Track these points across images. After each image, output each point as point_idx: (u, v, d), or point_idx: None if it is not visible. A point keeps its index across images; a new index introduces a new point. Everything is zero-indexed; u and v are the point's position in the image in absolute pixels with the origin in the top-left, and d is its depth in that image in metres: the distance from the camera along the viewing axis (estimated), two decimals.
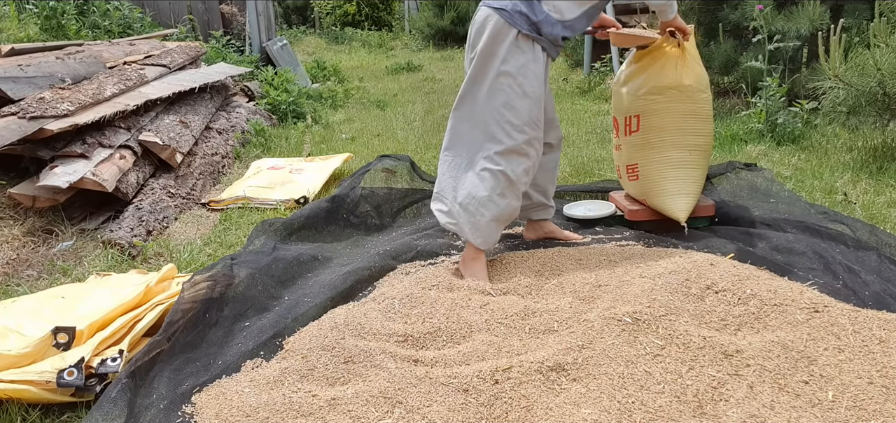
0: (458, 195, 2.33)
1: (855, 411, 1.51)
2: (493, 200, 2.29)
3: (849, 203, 3.01)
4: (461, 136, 2.35)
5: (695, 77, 2.62)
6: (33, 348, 1.83)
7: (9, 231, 2.98)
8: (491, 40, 2.24)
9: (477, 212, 2.30)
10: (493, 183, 2.28)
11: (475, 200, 2.29)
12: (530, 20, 2.23)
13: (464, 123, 2.34)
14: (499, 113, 2.26)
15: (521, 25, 2.22)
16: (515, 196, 2.33)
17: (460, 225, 2.32)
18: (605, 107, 5.86)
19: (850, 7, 4.53)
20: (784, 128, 4.15)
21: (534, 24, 2.23)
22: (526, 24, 2.23)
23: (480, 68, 2.28)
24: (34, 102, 3.30)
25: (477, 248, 2.34)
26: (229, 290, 2.22)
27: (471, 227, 2.31)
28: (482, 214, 2.30)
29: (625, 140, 2.76)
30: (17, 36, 5.72)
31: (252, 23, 8.01)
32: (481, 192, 2.29)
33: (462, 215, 2.31)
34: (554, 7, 2.26)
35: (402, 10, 15.50)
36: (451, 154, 2.38)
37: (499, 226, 2.36)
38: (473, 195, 2.29)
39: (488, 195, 2.28)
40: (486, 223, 2.31)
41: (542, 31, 2.25)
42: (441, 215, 2.39)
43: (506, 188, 2.29)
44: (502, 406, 1.60)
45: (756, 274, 2.09)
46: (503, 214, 2.32)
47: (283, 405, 1.65)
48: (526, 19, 2.23)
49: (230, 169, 4.35)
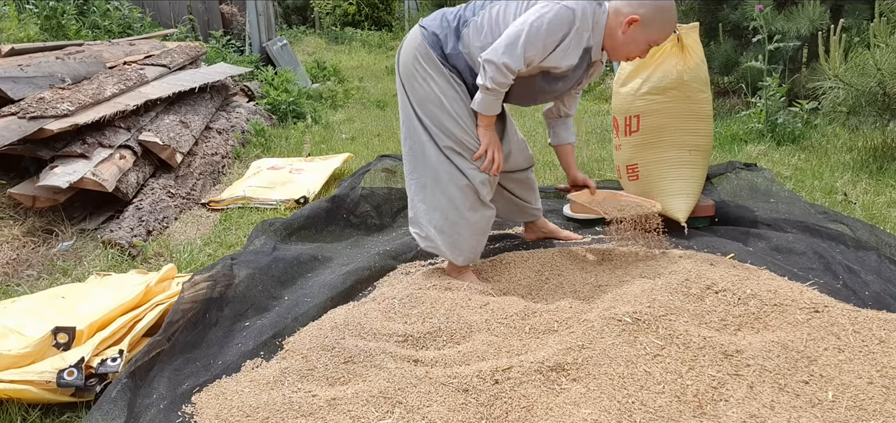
0: (432, 219, 2.28)
1: (855, 411, 1.51)
2: (465, 217, 2.25)
3: (849, 203, 3.01)
4: (416, 157, 2.27)
5: (695, 77, 2.62)
6: (33, 348, 1.83)
7: (9, 231, 2.98)
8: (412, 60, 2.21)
9: (453, 232, 2.26)
10: (462, 199, 2.23)
11: (448, 222, 2.25)
12: (446, 48, 2.18)
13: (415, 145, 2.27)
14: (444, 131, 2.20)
15: (434, 48, 2.18)
16: (486, 206, 2.28)
17: (440, 248, 2.29)
18: (605, 107, 5.86)
19: (850, 7, 4.53)
20: (784, 128, 4.15)
21: (448, 53, 2.18)
22: (437, 51, 2.18)
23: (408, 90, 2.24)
24: (34, 102, 3.30)
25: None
26: (229, 290, 2.22)
27: (450, 247, 2.28)
28: (459, 232, 2.26)
29: (625, 140, 2.77)
30: (17, 36, 5.72)
31: (252, 23, 8.01)
32: (452, 213, 2.25)
33: (439, 238, 2.28)
34: (468, 53, 2.18)
35: (402, 10, 15.50)
36: (416, 176, 2.30)
37: (479, 238, 2.32)
38: (446, 217, 2.25)
39: (460, 213, 2.24)
40: (465, 241, 2.28)
41: (450, 62, 2.19)
42: (420, 239, 2.34)
43: (475, 202, 2.25)
44: (502, 406, 1.60)
45: (756, 274, 2.09)
46: (479, 226, 2.28)
47: (283, 405, 1.65)
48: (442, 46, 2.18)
49: (230, 169, 4.35)
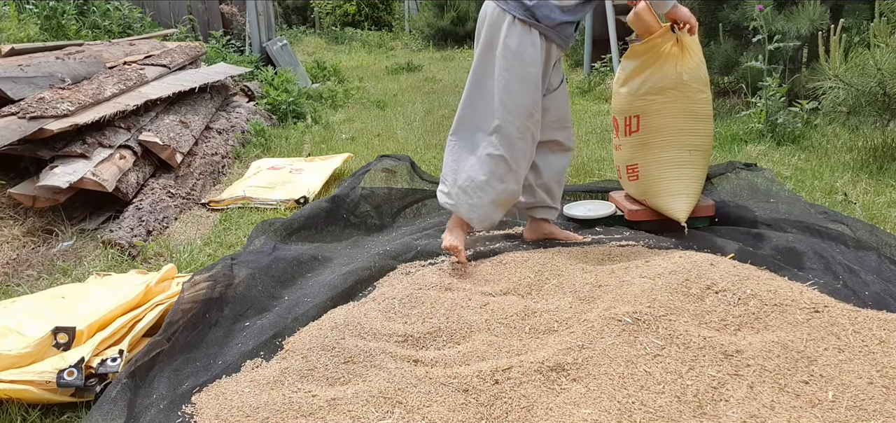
0: (459, 179, 2.41)
1: (855, 411, 1.51)
2: (491, 184, 2.37)
3: (849, 203, 3.01)
4: (464, 121, 2.43)
5: (695, 77, 2.62)
6: (33, 348, 1.83)
7: (9, 231, 2.98)
8: (489, 30, 2.35)
9: (475, 195, 2.39)
10: (492, 167, 2.36)
11: (474, 184, 2.38)
12: (524, 6, 2.30)
13: (467, 109, 2.43)
14: (499, 99, 2.33)
15: (516, 11, 2.30)
16: (514, 181, 2.40)
17: (458, 206, 2.42)
18: (605, 107, 5.86)
19: (850, 7, 4.53)
20: (784, 128, 4.15)
21: (527, 8, 2.30)
22: (520, 10, 2.30)
23: (481, 57, 2.38)
24: (34, 102, 3.30)
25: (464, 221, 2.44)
26: (229, 290, 2.22)
27: (468, 208, 2.40)
28: (480, 197, 2.38)
29: (625, 140, 2.76)
30: (17, 36, 5.72)
31: (252, 23, 8.01)
32: (480, 176, 2.37)
33: (461, 197, 2.41)
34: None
35: (402, 10, 15.49)
36: (455, 138, 2.46)
37: (497, 209, 2.44)
38: (473, 179, 2.38)
39: (487, 179, 2.37)
40: (484, 206, 2.40)
41: (538, 15, 2.31)
42: (441, 195, 2.48)
43: (505, 173, 2.37)
44: (502, 406, 1.60)
45: (756, 274, 2.09)
46: (501, 197, 2.40)
47: (283, 405, 1.65)
48: (520, 5, 2.30)
49: (230, 169, 4.35)
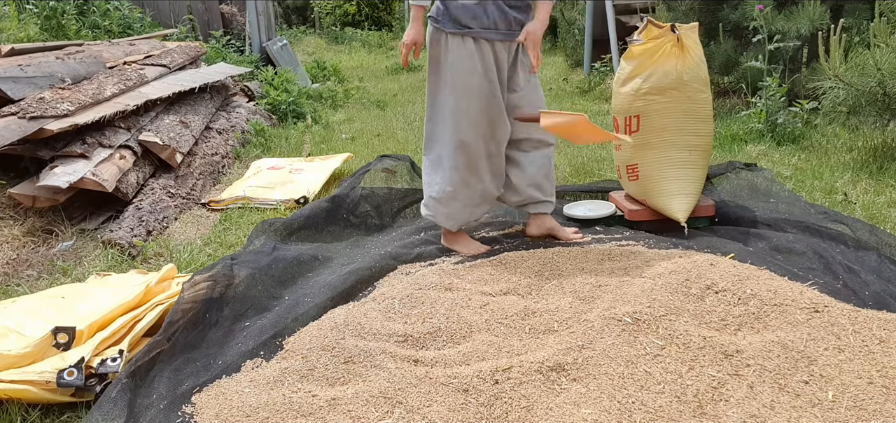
0: (432, 191, 2.63)
1: (855, 411, 1.51)
2: (459, 191, 2.58)
3: (849, 203, 3.01)
4: (430, 136, 2.64)
5: (695, 77, 2.62)
6: (33, 348, 1.83)
7: (9, 231, 2.98)
8: (431, 47, 2.54)
9: (449, 204, 2.60)
10: (457, 176, 2.56)
11: (445, 194, 2.59)
12: (450, 16, 2.43)
13: (429, 124, 2.63)
14: (450, 113, 2.51)
15: (446, 25, 2.45)
16: (479, 180, 2.59)
17: (437, 216, 2.64)
18: (605, 107, 5.86)
19: (850, 7, 4.53)
20: (784, 128, 4.15)
21: (452, 18, 2.43)
22: (449, 22, 2.44)
23: (430, 74, 2.58)
24: (34, 102, 3.30)
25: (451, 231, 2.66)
26: (229, 290, 2.22)
27: (445, 216, 2.63)
28: (453, 205, 2.60)
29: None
30: (17, 36, 5.72)
31: (252, 23, 8.01)
32: (448, 187, 2.58)
33: (437, 208, 2.63)
34: None
35: (402, 10, 15.49)
36: (426, 154, 2.68)
37: (472, 210, 2.65)
38: (443, 190, 2.59)
39: (455, 189, 2.57)
40: (458, 212, 2.62)
41: (460, 20, 2.42)
42: (423, 208, 2.71)
43: (469, 177, 2.57)
44: (502, 406, 1.60)
45: (756, 274, 2.09)
46: (473, 199, 2.61)
47: (283, 405, 1.65)
48: (447, 17, 2.44)
49: (230, 169, 4.35)
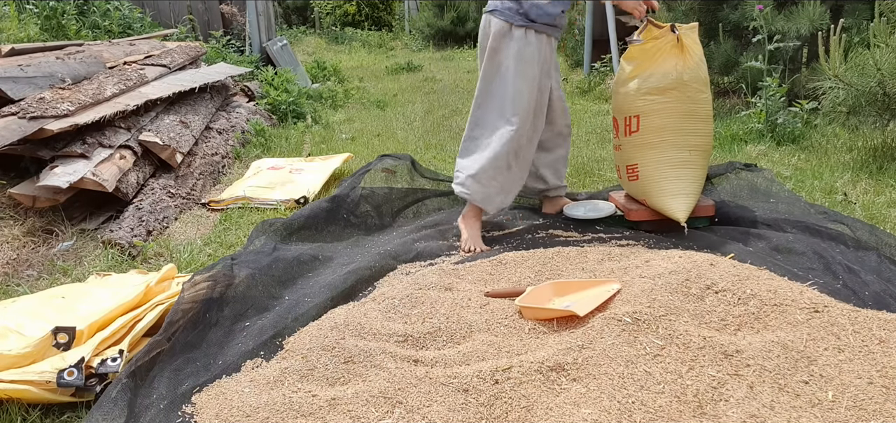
0: (472, 169, 2.71)
1: (855, 411, 1.51)
2: (501, 172, 2.69)
3: (849, 203, 3.01)
4: (477, 121, 2.75)
5: (695, 77, 2.62)
6: (33, 348, 1.83)
7: (9, 231, 2.98)
8: (495, 38, 2.66)
9: (487, 184, 2.70)
10: (502, 159, 2.67)
11: (485, 173, 2.69)
12: (520, 11, 2.62)
13: (479, 110, 2.75)
14: (509, 99, 2.65)
15: (514, 19, 2.62)
16: (520, 168, 2.75)
17: (473, 195, 2.72)
18: (605, 107, 5.86)
19: (850, 7, 4.53)
20: (784, 128, 4.15)
21: (522, 13, 2.62)
22: (518, 17, 2.62)
23: (489, 62, 2.69)
24: (34, 102, 3.30)
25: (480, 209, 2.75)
26: (229, 290, 2.22)
27: (482, 197, 2.72)
28: (492, 185, 2.70)
29: (625, 140, 2.77)
30: (17, 36, 5.71)
31: (252, 23, 8.01)
32: (491, 167, 2.68)
33: (474, 186, 2.71)
34: None
35: (402, 10, 15.49)
36: (469, 136, 2.78)
37: (506, 196, 2.77)
38: (484, 169, 2.69)
39: (497, 169, 2.68)
40: (494, 193, 2.72)
41: (531, 16, 2.62)
42: (456, 186, 2.78)
43: (512, 161, 2.70)
44: (502, 406, 1.60)
45: (756, 274, 2.09)
46: (508, 184, 2.74)
47: (283, 405, 1.65)
48: (517, 12, 2.63)
49: (230, 169, 4.35)
